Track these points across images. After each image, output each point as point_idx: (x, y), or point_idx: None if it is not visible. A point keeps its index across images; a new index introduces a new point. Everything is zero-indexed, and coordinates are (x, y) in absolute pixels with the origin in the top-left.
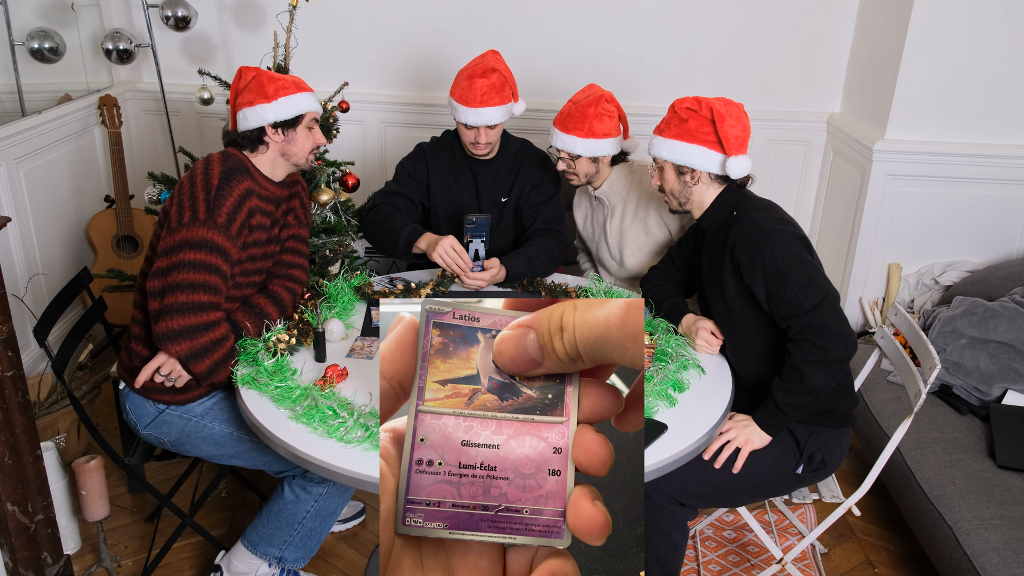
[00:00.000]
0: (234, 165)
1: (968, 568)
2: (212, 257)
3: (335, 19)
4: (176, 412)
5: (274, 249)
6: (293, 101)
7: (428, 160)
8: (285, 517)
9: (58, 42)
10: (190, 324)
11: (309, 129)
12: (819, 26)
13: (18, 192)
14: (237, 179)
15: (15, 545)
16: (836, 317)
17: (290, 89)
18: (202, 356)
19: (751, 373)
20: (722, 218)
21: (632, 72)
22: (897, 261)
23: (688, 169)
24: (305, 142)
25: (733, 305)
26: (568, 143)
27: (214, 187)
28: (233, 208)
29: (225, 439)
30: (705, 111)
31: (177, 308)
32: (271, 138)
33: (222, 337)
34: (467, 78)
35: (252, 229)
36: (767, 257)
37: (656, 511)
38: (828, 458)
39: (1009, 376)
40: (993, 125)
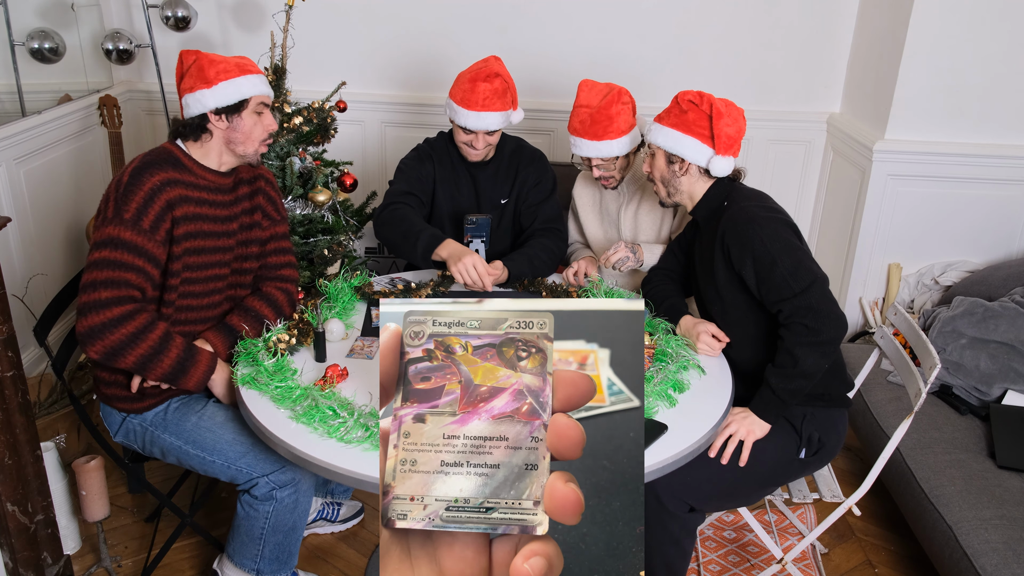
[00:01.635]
0: (152, 159)
1: (968, 568)
2: (119, 254)
3: (334, 19)
4: (135, 420)
5: (253, 251)
6: (235, 85)
7: (433, 161)
8: (246, 532)
9: (58, 42)
10: (101, 321)
11: (258, 115)
12: (819, 26)
13: (18, 192)
14: (150, 172)
15: (15, 545)
16: (825, 299)
17: (232, 72)
18: (122, 352)
19: (745, 359)
20: (713, 209)
21: (632, 72)
22: (897, 261)
23: (678, 159)
24: (253, 129)
25: (724, 293)
26: (603, 149)
27: (123, 184)
28: (143, 202)
29: (174, 450)
30: (705, 106)
31: (87, 307)
32: (214, 125)
33: (140, 329)
34: (469, 81)
35: (181, 221)
36: (756, 243)
37: (667, 518)
38: (825, 438)
39: (1009, 376)
40: (993, 125)
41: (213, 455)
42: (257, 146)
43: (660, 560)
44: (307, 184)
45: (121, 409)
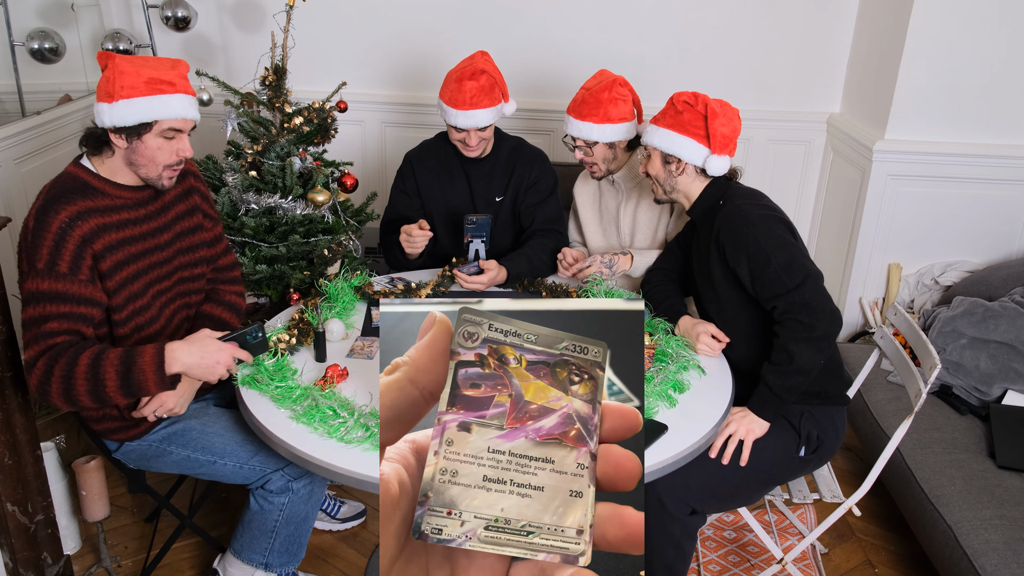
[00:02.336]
0: (56, 192)
1: (968, 568)
2: (40, 307)
3: (334, 19)
4: (134, 443)
5: (202, 255)
6: (137, 105)
7: (414, 168)
8: (257, 527)
9: (58, 42)
10: (38, 378)
11: (167, 139)
12: (819, 26)
13: (18, 192)
14: (55, 210)
15: (15, 545)
16: (819, 295)
17: (138, 90)
18: (70, 395)
19: (741, 357)
20: (709, 207)
21: (632, 72)
22: (897, 261)
23: (674, 159)
24: (156, 154)
25: (720, 291)
26: (584, 130)
27: (29, 230)
28: (54, 246)
29: (181, 461)
30: (700, 106)
31: (25, 370)
32: (115, 143)
33: (68, 366)
34: (456, 80)
35: (104, 254)
36: (750, 240)
37: (668, 521)
38: (824, 435)
39: (1009, 376)
40: (993, 125)
41: (224, 458)
42: (161, 171)
43: (660, 562)
44: (307, 184)
45: (120, 439)
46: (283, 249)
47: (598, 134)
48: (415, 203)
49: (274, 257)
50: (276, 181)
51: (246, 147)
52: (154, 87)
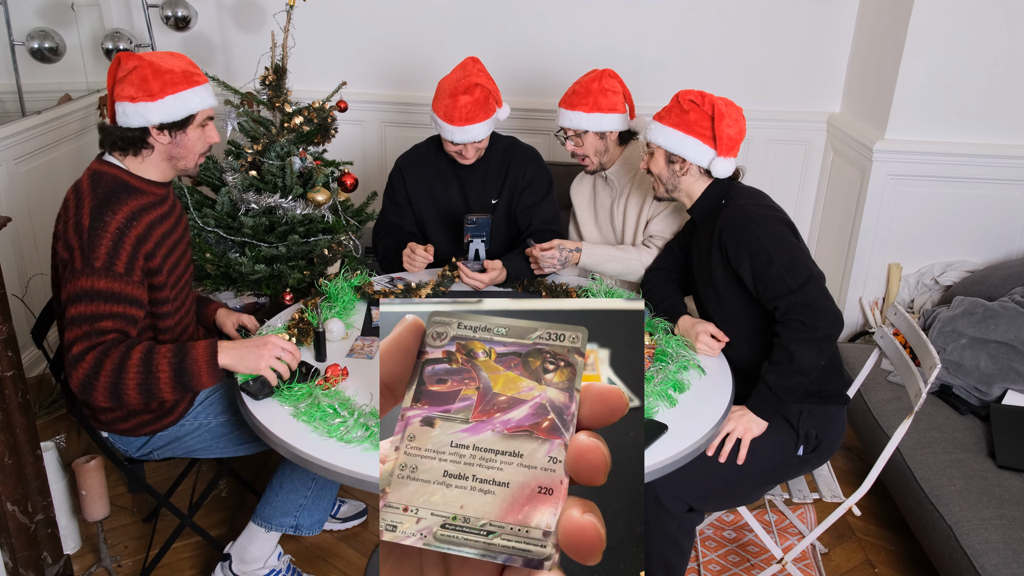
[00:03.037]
0: (106, 193)
1: (968, 568)
2: (94, 306)
3: (334, 19)
4: (166, 433)
5: (190, 252)
6: (183, 100)
7: (404, 174)
8: (299, 476)
9: (58, 42)
10: (85, 373)
11: (202, 127)
12: (819, 26)
13: (18, 192)
14: (111, 210)
15: (15, 545)
16: (822, 296)
17: (179, 84)
18: (118, 391)
19: (742, 357)
20: (711, 207)
21: (632, 72)
22: (897, 261)
23: (679, 159)
24: (196, 144)
25: (721, 290)
26: (574, 119)
27: (85, 230)
28: (112, 246)
29: (222, 435)
30: (707, 106)
31: (69, 366)
32: (156, 140)
33: (119, 362)
34: (450, 96)
35: (154, 252)
36: (753, 241)
37: (665, 517)
38: (823, 434)
39: (1009, 376)
40: (993, 125)
41: None
42: (196, 159)
43: (658, 560)
44: (307, 184)
45: (151, 432)
46: (283, 249)
47: (588, 123)
48: (406, 213)
49: (274, 257)
50: (276, 181)
51: (246, 147)
52: (191, 79)
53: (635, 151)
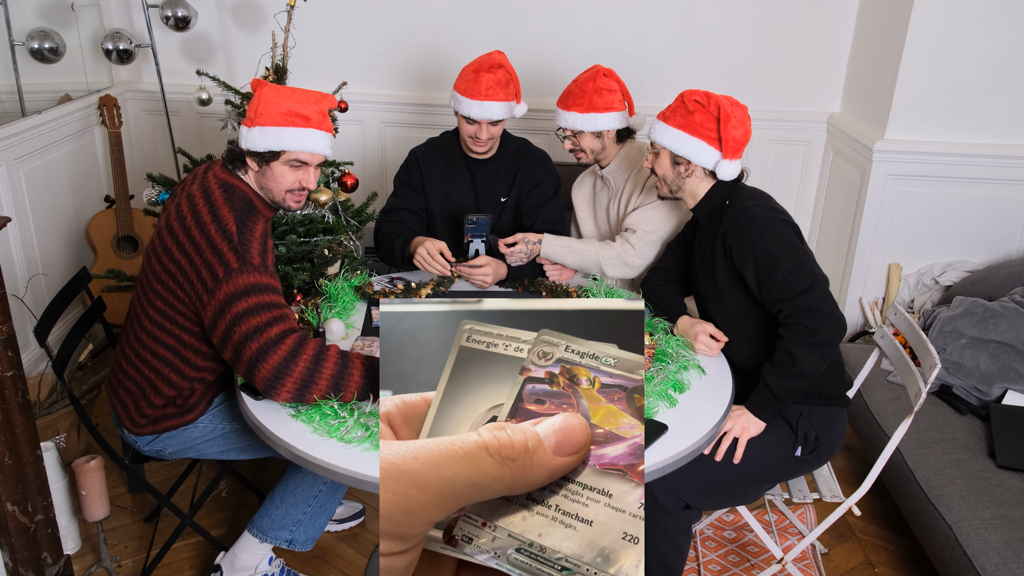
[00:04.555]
0: (242, 205)
1: (968, 568)
2: (266, 296)
3: (335, 19)
4: (183, 432)
5: None
6: (268, 134)
7: (420, 164)
8: (302, 493)
9: (58, 42)
10: (283, 356)
11: (292, 168)
12: (819, 26)
13: (18, 192)
14: (252, 218)
15: (15, 545)
16: (826, 300)
17: (273, 119)
18: (311, 380)
19: (743, 358)
20: (715, 208)
21: (632, 72)
22: (897, 261)
23: (684, 160)
24: (279, 180)
25: (724, 292)
26: (569, 119)
27: (234, 234)
28: (261, 247)
29: (234, 437)
30: (713, 107)
31: (264, 350)
32: (250, 164)
33: (317, 353)
34: (473, 71)
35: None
36: (758, 243)
37: (661, 515)
38: (822, 436)
39: (1009, 376)
40: (993, 125)
41: None
42: (284, 195)
43: (655, 557)
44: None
45: (172, 426)
46: (283, 249)
47: (583, 123)
48: (419, 198)
49: (274, 257)
50: None
51: None
52: (289, 119)
53: (633, 149)
